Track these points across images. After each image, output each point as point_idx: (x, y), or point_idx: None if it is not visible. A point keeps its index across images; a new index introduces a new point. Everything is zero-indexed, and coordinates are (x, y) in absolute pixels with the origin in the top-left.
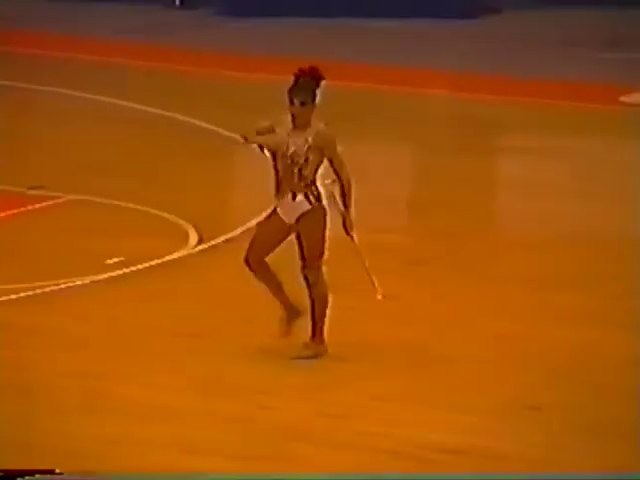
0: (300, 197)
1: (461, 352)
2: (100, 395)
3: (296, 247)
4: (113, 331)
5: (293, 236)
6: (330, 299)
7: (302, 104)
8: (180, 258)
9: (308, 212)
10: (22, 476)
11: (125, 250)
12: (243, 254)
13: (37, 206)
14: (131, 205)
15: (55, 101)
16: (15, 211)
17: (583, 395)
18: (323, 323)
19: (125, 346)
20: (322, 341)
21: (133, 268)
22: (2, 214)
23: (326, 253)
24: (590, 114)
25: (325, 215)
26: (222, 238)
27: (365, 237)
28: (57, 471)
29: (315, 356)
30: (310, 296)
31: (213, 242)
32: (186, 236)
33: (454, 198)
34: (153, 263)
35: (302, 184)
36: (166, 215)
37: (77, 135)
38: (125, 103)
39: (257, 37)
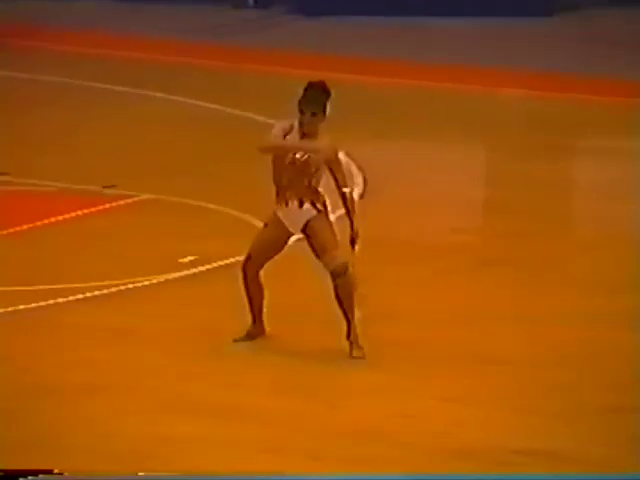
0: (307, 205)
1: (528, 354)
2: (175, 395)
3: (310, 251)
4: (186, 330)
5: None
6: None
7: (313, 114)
8: None
9: (318, 219)
10: (22, 476)
11: (198, 249)
12: (313, 255)
13: (112, 205)
14: (204, 204)
15: (126, 101)
16: (90, 210)
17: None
18: (353, 318)
19: (198, 346)
20: (357, 339)
21: (206, 267)
22: (78, 213)
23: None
24: None
25: (327, 213)
26: (294, 237)
27: (435, 238)
28: (56, 471)
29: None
30: (335, 293)
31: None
32: None
33: (525, 199)
34: (226, 262)
35: (310, 192)
36: (239, 214)
37: (150, 135)
38: (198, 103)
39: (329, 36)
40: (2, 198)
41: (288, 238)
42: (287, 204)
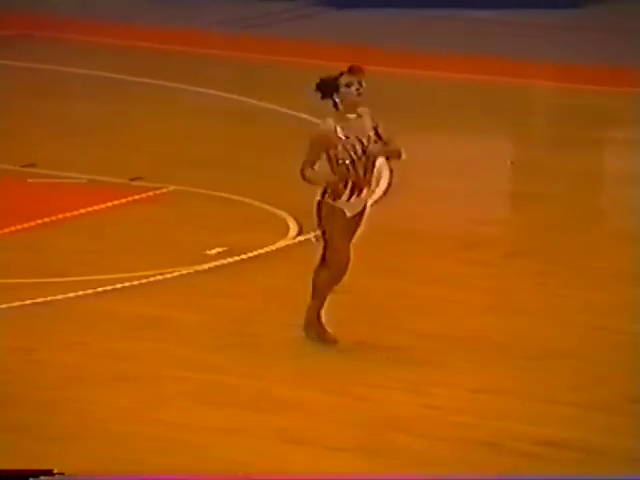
0: (365, 191)
1: (559, 346)
2: (203, 386)
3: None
4: (215, 321)
5: None
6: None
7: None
8: (281, 249)
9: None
10: (23, 477)
11: (226, 241)
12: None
13: (139, 197)
14: (231, 196)
15: (154, 94)
16: (118, 202)
17: None
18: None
19: (229, 337)
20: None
21: (235, 258)
22: (105, 205)
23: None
24: None
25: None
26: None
27: (464, 229)
28: (55, 471)
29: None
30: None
31: (313, 233)
32: (286, 227)
33: (555, 190)
34: (254, 254)
35: (367, 177)
36: (266, 206)
37: (177, 127)
38: (225, 95)
39: (357, 28)
40: (29, 190)
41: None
42: (351, 196)
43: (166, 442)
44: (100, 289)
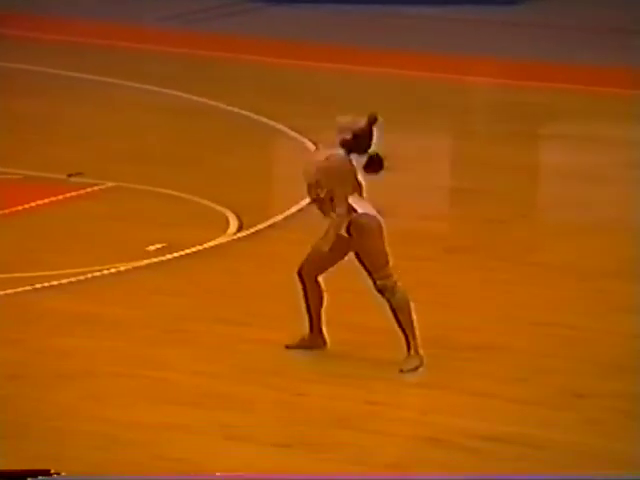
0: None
1: (500, 341)
2: (144, 382)
3: (360, 267)
4: (154, 318)
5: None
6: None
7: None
8: (220, 245)
9: (352, 224)
10: (21, 477)
11: (166, 237)
12: (284, 243)
13: (78, 193)
14: (171, 192)
15: (94, 89)
16: (56, 198)
17: (631, 383)
18: (413, 331)
19: (169, 333)
20: (417, 350)
21: (174, 255)
22: (43, 201)
23: (391, 261)
24: (635, 100)
25: (379, 224)
26: (262, 225)
27: (404, 224)
28: (52, 471)
29: (418, 367)
30: (390, 308)
31: (253, 229)
32: (226, 223)
33: (495, 185)
34: (194, 250)
35: (327, 202)
36: (206, 202)
37: (117, 123)
38: (165, 90)
39: (296, 23)
40: None
41: (346, 249)
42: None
43: (108, 439)
44: (38, 286)
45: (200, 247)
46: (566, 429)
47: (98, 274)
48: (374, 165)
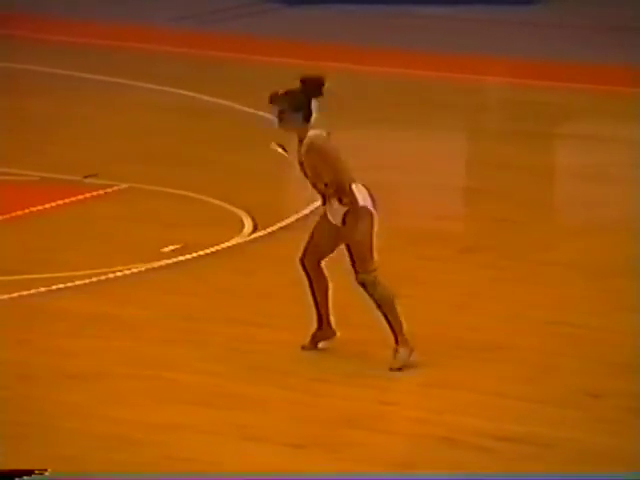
0: (336, 203)
1: (515, 340)
2: (158, 383)
3: (346, 255)
4: (169, 319)
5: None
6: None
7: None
8: (235, 246)
9: (350, 213)
10: (17, 476)
11: (181, 238)
12: (298, 244)
13: (93, 194)
14: (186, 193)
15: (107, 90)
16: (71, 199)
17: None
18: (400, 324)
19: (181, 334)
20: (406, 342)
21: (189, 256)
22: (59, 202)
23: (376, 256)
24: None
25: (371, 216)
26: (277, 226)
27: (419, 224)
28: (50, 471)
29: (406, 363)
30: (375, 304)
31: (268, 230)
32: (241, 224)
33: (508, 185)
34: (209, 251)
35: (331, 190)
36: (221, 203)
37: (131, 124)
38: (180, 91)
39: (308, 24)
40: None
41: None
42: (325, 202)
43: (119, 440)
44: (54, 287)
45: (215, 248)
46: (576, 428)
47: (113, 275)
48: (313, 82)
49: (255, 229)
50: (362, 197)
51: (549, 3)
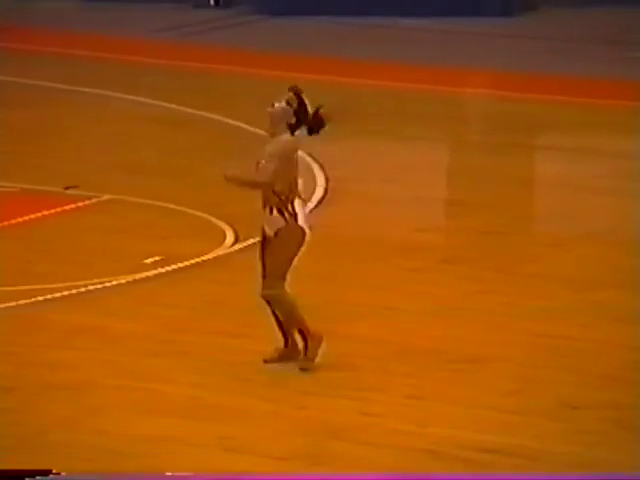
0: (275, 212)
1: (497, 352)
2: (142, 394)
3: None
4: (151, 330)
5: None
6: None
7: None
8: (217, 257)
9: (284, 230)
10: (19, 477)
11: (162, 250)
12: None
13: (74, 206)
14: (167, 204)
15: (88, 102)
16: (52, 211)
17: (625, 395)
18: (307, 329)
19: (165, 345)
20: (314, 337)
21: (171, 268)
22: (40, 214)
23: (288, 277)
24: (628, 112)
25: (303, 236)
26: (258, 238)
27: (401, 235)
28: (54, 471)
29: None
30: (277, 320)
31: (250, 241)
32: (223, 235)
33: (491, 196)
34: (191, 262)
35: (276, 199)
36: (203, 214)
37: (112, 135)
38: (162, 103)
39: (292, 36)
40: None
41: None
42: (264, 209)
43: (104, 451)
44: (34, 299)
45: (197, 259)
46: (561, 440)
47: (92, 287)
48: (319, 119)
49: (237, 240)
50: (301, 216)
51: (529, 15)
